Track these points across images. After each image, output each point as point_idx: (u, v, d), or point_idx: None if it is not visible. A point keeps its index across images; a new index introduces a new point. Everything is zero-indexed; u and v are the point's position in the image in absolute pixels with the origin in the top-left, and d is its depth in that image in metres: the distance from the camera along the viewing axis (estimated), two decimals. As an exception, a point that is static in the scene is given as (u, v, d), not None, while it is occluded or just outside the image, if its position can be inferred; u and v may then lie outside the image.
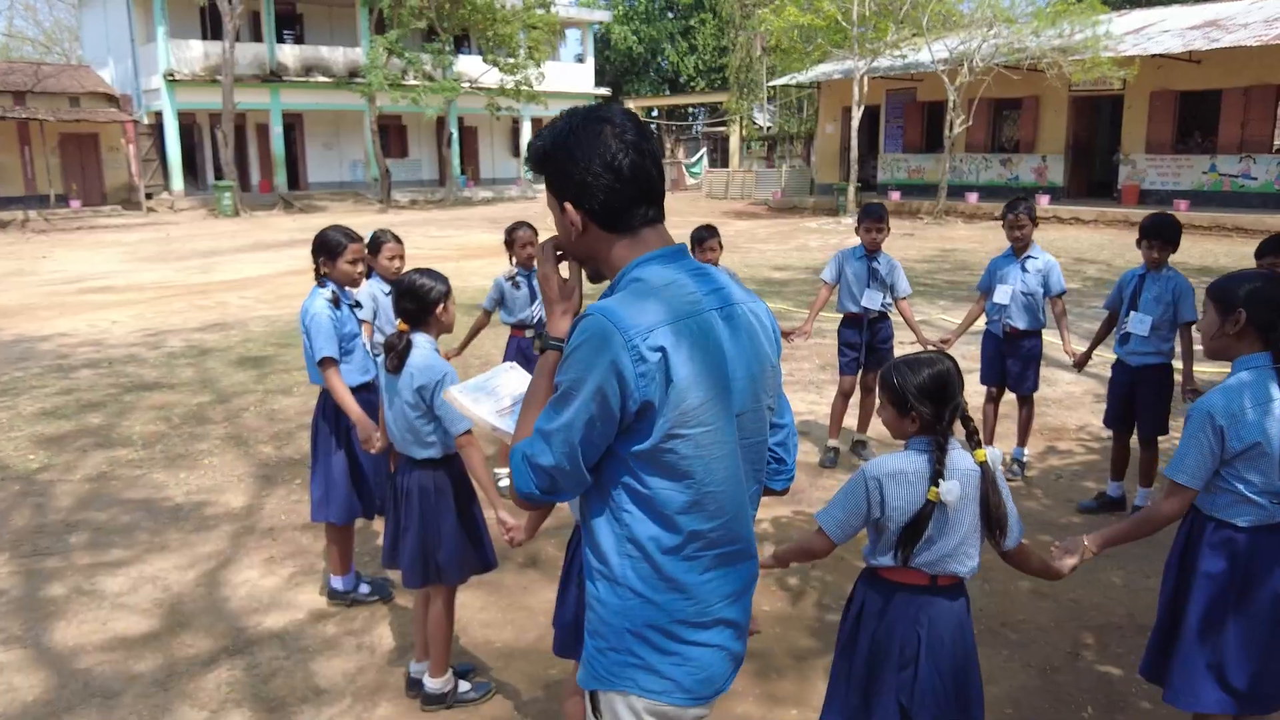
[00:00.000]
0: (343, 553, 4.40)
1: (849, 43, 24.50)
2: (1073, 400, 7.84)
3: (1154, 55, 21.54)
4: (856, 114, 24.90)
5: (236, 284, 14.88)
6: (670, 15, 50.96)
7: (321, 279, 4.23)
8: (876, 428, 6.93)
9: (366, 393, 4.35)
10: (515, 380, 2.49)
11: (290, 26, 35.57)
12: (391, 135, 37.46)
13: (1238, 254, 17.70)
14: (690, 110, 51.95)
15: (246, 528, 5.39)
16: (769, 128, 43.37)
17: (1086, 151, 26.19)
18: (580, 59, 44.96)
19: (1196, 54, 21.75)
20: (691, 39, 49.92)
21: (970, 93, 23.16)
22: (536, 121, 41.39)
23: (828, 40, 24.49)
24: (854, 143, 25.41)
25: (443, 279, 3.52)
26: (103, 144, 31.38)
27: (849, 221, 24.38)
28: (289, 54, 33.64)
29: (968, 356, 8.95)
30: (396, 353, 3.42)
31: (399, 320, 3.49)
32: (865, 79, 24.96)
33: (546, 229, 2.37)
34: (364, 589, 4.47)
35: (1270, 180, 21.44)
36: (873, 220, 6.24)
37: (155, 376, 8.78)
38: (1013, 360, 6.09)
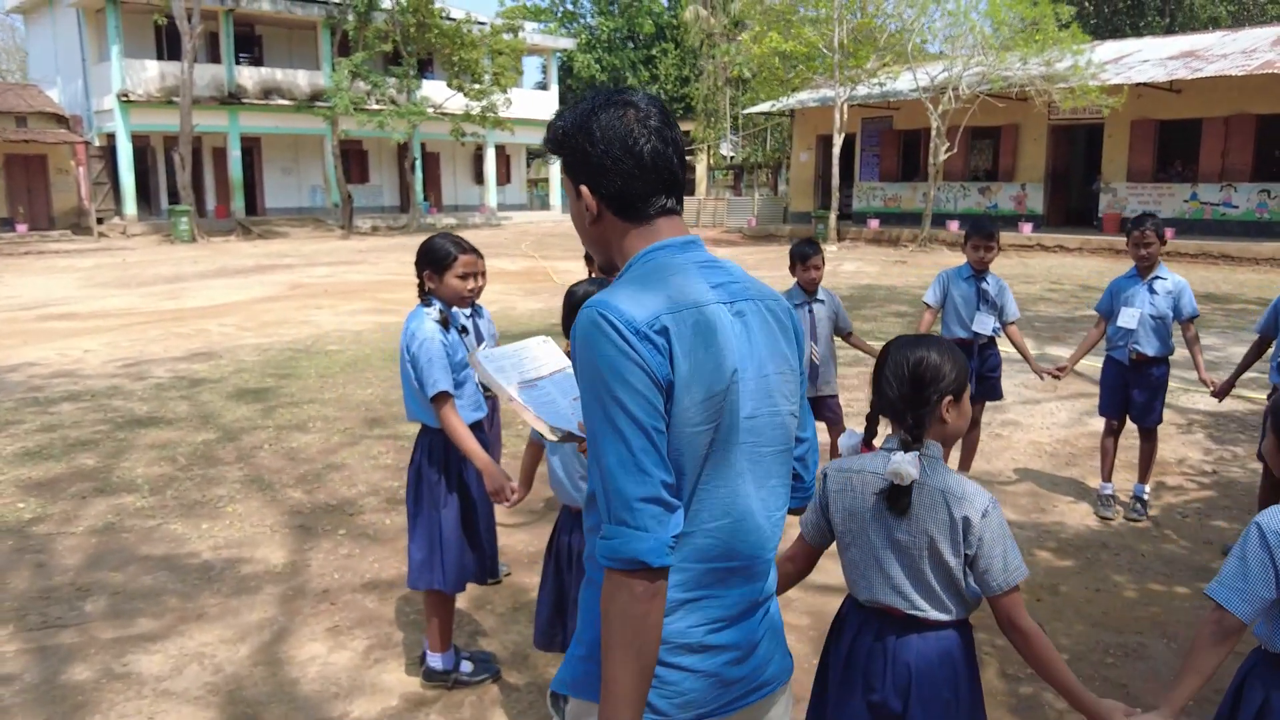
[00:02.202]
0: (445, 626, 3.65)
1: (829, 70, 24.29)
2: (1160, 432, 7.31)
3: (1139, 84, 21.56)
4: (838, 141, 24.63)
5: (211, 311, 13.93)
6: (632, 45, 50.75)
7: (427, 296, 3.49)
8: (979, 466, 6.34)
9: (479, 432, 3.62)
10: (546, 353, 2.34)
11: (249, 49, 34.52)
12: (352, 160, 36.47)
13: (1235, 280, 17.64)
14: (652, 139, 51.54)
15: (295, 589, 4.59)
16: (732, 157, 43.20)
17: (1064, 180, 26.21)
18: (543, 86, 44.51)
19: (1177, 84, 21.84)
20: (653, 68, 49.70)
21: (955, 120, 23.01)
22: (500, 148, 40.86)
23: (808, 67, 24.22)
24: (836, 170, 25.10)
25: None
26: (51, 166, 30.05)
27: (833, 249, 24.03)
28: (248, 76, 32.60)
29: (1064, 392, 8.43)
30: (569, 382, 2.71)
31: (569, 342, 2.79)
32: (844, 107, 24.72)
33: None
34: (466, 667, 3.71)
35: (1251, 209, 21.52)
36: (981, 237, 5.67)
37: (146, 410, 7.88)
38: (1139, 390, 5.55)
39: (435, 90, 34.09)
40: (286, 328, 12.26)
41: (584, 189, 1.66)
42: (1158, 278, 5.49)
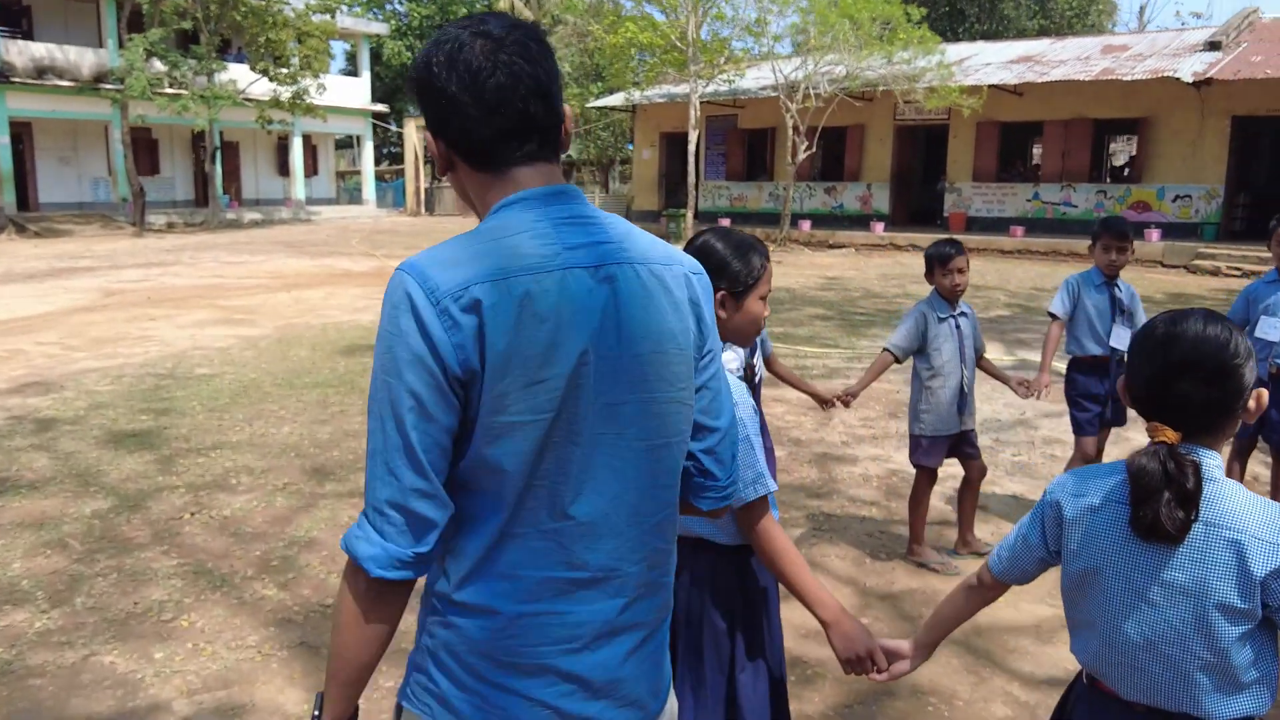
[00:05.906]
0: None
1: (681, 64, 23.62)
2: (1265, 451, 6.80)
3: (991, 85, 22.07)
4: (693, 138, 23.97)
5: (18, 325, 11.42)
6: (445, 34, 48.60)
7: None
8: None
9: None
10: None
11: (14, 21, 30.11)
12: (140, 150, 32.46)
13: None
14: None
15: (350, 758, 3.08)
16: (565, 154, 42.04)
17: (907, 180, 26.70)
18: (353, 73, 41.85)
19: (1020, 87, 22.54)
20: (469, 59, 47.65)
21: (814, 120, 22.80)
22: (306, 138, 37.83)
23: (662, 60, 23.45)
24: (692, 168, 24.42)
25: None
26: None
27: (693, 248, 23.32)
28: (17, 52, 28.37)
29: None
30: (1181, 494, 1.54)
31: (1156, 424, 1.60)
32: (698, 103, 24.09)
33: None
34: None
35: (1089, 208, 22.48)
36: (1113, 236, 4.83)
37: (-10, 469, 5.88)
38: (1277, 409, 4.87)
39: (238, 74, 31.02)
40: (127, 346, 10.09)
41: (428, 136, 1.42)
42: (1307, 283, 4.82)
